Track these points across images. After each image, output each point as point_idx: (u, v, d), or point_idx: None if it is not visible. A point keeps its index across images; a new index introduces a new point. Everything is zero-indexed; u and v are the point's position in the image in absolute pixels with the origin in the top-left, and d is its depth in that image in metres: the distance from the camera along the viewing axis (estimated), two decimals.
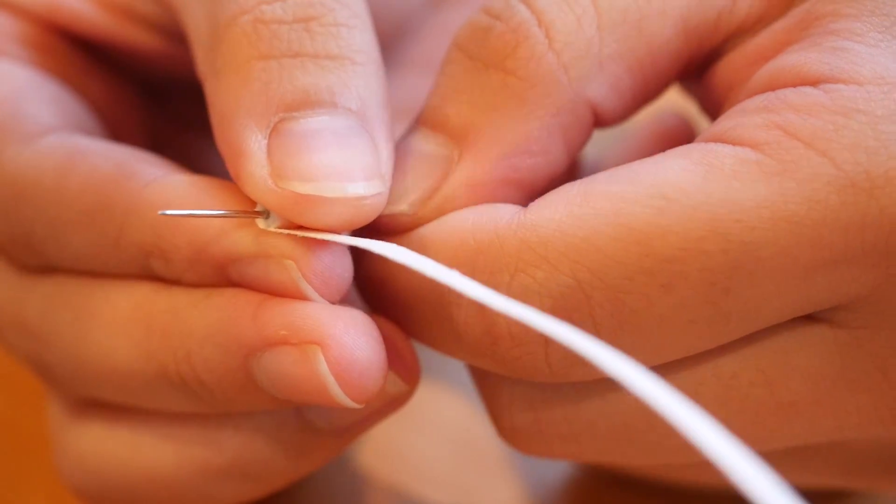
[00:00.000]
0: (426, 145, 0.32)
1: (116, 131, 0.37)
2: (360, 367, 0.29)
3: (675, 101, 0.39)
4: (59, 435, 0.35)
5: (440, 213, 0.31)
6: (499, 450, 0.41)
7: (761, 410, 0.30)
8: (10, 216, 0.33)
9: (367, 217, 0.30)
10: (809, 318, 0.30)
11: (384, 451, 0.42)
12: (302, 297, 0.30)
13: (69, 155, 0.32)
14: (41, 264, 0.33)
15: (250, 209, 0.30)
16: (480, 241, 0.29)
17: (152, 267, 0.31)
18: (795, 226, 0.27)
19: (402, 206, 0.31)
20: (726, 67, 0.32)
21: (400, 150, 0.32)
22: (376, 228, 0.31)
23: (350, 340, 0.29)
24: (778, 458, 0.32)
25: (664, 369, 0.30)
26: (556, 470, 0.41)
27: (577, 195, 0.29)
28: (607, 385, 0.30)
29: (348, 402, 0.29)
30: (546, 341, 0.29)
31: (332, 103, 0.29)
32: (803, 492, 0.25)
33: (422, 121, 0.32)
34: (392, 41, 0.42)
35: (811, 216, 0.27)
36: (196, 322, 0.30)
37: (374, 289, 0.32)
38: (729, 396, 0.30)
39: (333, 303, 0.30)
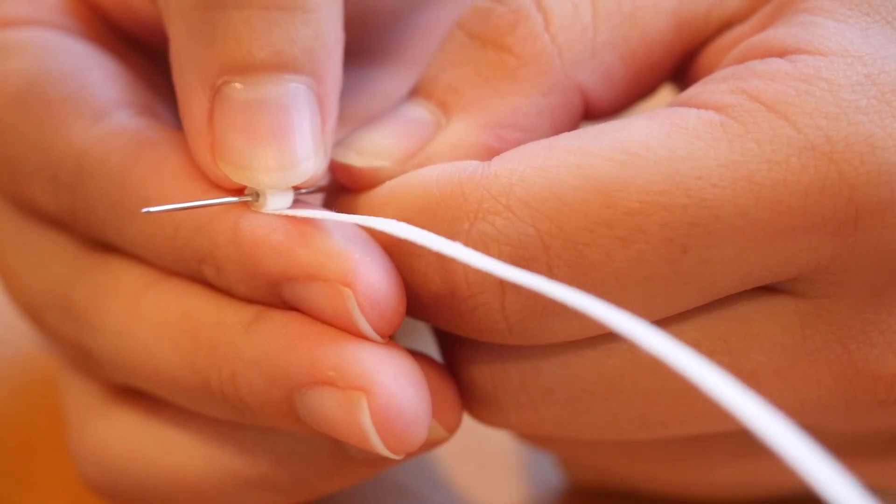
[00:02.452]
0: (415, 110, 0.32)
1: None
2: (404, 419, 0.29)
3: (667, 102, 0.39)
4: (84, 422, 0.35)
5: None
6: (499, 449, 0.41)
7: None
8: (75, 190, 0.33)
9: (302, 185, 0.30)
10: (771, 289, 0.30)
11: None
12: (354, 328, 0.29)
13: (135, 142, 0.32)
14: (101, 241, 0.33)
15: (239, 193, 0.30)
16: (443, 190, 0.29)
17: (204, 273, 0.31)
18: (755, 186, 0.28)
19: (384, 162, 0.32)
20: (706, 55, 0.33)
21: (389, 114, 0.32)
22: (354, 180, 0.32)
23: (398, 390, 0.29)
24: None
25: None
26: (556, 469, 0.41)
27: (541, 149, 0.29)
28: (566, 349, 0.31)
29: (387, 454, 0.29)
30: (503, 291, 0.29)
31: (276, 67, 0.29)
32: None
33: (414, 90, 0.33)
34: (380, 34, 0.42)
35: (771, 177, 0.28)
36: (245, 345, 0.30)
37: None
38: None
39: (385, 336, 0.30)
